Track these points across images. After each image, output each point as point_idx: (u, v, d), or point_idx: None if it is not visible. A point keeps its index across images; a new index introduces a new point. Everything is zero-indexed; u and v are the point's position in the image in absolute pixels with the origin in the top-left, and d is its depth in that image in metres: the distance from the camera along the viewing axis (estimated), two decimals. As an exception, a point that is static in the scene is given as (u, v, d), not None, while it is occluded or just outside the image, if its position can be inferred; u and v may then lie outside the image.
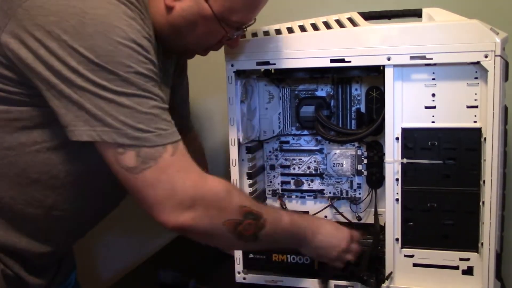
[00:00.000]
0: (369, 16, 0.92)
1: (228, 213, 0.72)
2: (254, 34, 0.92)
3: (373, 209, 1.01)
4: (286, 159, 1.07)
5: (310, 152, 1.06)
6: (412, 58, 0.81)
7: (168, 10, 0.75)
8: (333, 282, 0.91)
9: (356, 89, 1.00)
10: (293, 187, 1.07)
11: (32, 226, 0.77)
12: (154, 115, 0.66)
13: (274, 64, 0.88)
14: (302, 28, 0.89)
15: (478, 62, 0.79)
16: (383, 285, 0.86)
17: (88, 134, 0.64)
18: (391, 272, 0.86)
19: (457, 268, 0.85)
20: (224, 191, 0.72)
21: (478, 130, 0.81)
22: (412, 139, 0.84)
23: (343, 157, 1.03)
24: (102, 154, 0.66)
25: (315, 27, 0.89)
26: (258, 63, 0.89)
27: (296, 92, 1.04)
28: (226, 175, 1.01)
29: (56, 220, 0.78)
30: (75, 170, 0.75)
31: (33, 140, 0.71)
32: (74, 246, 0.96)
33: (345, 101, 1.01)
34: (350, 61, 0.84)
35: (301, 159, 1.06)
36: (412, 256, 0.87)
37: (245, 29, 0.82)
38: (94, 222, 0.88)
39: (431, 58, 0.80)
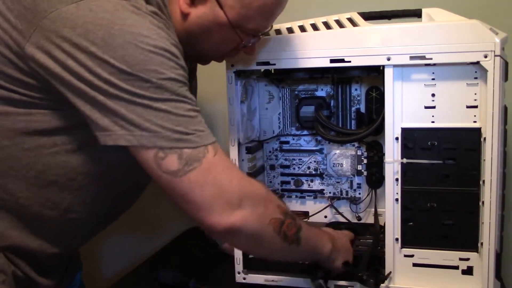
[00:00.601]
0: (369, 16, 0.92)
1: (272, 210, 0.73)
2: (254, 34, 0.92)
3: (373, 209, 1.01)
4: (286, 159, 1.07)
5: (310, 152, 1.06)
6: (412, 58, 0.81)
7: (184, 17, 0.75)
8: (333, 282, 0.91)
9: (356, 89, 1.00)
10: (293, 187, 1.07)
11: (47, 228, 0.77)
12: (191, 117, 0.66)
13: (274, 64, 0.88)
14: (302, 28, 0.89)
15: (477, 62, 0.79)
16: (382, 285, 0.86)
17: (126, 139, 0.64)
18: (390, 272, 0.86)
19: (457, 268, 0.85)
20: (265, 190, 0.74)
21: (478, 130, 0.81)
22: (412, 139, 0.84)
23: (343, 157, 1.03)
24: (140, 160, 0.66)
25: (315, 27, 0.89)
26: (258, 63, 0.89)
27: (296, 92, 1.04)
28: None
29: (70, 222, 0.78)
30: (92, 173, 0.75)
31: (53, 142, 0.71)
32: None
33: (345, 101, 1.01)
34: (350, 61, 0.84)
35: (301, 159, 1.07)
36: (412, 256, 0.87)
37: (261, 36, 0.81)
38: (106, 224, 0.88)
39: (431, 58, 0.80)
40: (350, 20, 0.88)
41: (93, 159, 0.73)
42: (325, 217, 1.06)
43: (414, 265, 0.87)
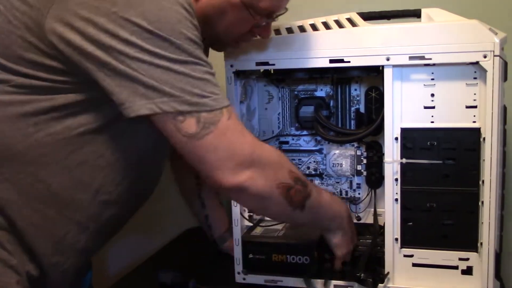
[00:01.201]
0: (368, 17, 0.92)
1: (281, 175, 0.76)
2: (254, 35, 0.92)
3: (373, 209, 1.01)
4: (285, 159, 1.07)
5: (309, 152, 1.06)
6: (411, 58, 0.81)
7: None
8: (332, 282, 0.91)
9: (356, 89, 1.00)
10: (292, 187, 1.07)
11: (79, 215, 0.77)
12: (207, 81, 0.68)
13: (274, 64, 0.88)
14: (302, 29, 0.89)
15: (477, 62, 0.79)
16: (382, 285, 0.87)
17: (147, 107, 0.66)
18: (388, 272, 0.86)
19: (456, 268, 0.85)
20: (278, 155, 0.77)
21: (477, 130, 0.81)
22: (412, 139, 0.84)
23: (342, 157, 1.03)
24: (161, 125, 0.68)
25: (314, 27, 0.89)
26: (258, 64, 0.89)
27: (296, 92, 1.04)
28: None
29: (102, 206, 0.78)
30: (120, 148, 0.77)
31: (78, 123, 0.72)
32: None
33: (344, 101, 1.01)
34: (349, 62, 0.84)
35: (300, 159, 1.07)
36: (411, 256, 0.87)
37: (275, 18, 0.82)
38: (132, 210, 0.88)
39: (430, 58, 0.81)
40: (350, 20, 0.88)
41: (118, 134, 0.76)
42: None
43: (414, 265, 0.87)
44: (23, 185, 0.73)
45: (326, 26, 0.88)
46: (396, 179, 0.85)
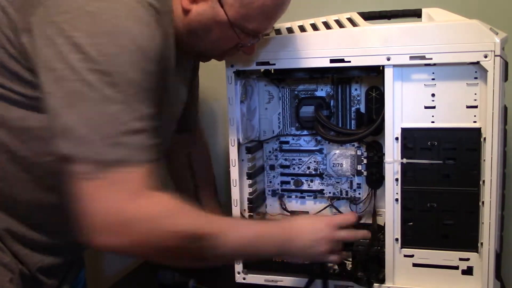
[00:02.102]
0: (368, 16, 0.92)
1: (161, 238, 0.65)
2: (254, 34, 0.92)
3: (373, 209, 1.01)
4: (286, 159, 1.07)
5: (309, 152, 1.06)
6: (411, 58, 0.81)
7: (185, 13, 0.75)
8: (332, 282, 0.91)
9: (356, 89, 1.00)
10: (293, 187, 1.07)
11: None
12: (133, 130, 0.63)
13: (274, 64, 0.88)
14: (302, 28, 0.89)
15: (477, 62, 0.79)
16: (382, 285, 0.86)
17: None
18: (384, 273, 0.86)
19: (456, 268, 0.85)
20: (159, 212, 0.65)
21: (478, 130, 0.81)
22: (412, 139, 0.84)
23: (342, 157, 1.03)
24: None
25: (314, 27, 0.89)
26: (258, 63, 0.89)
27: (296, 92, 1.04)
28: (226, 175, 1.01)
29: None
30: None
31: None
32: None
33: (344, 101, 1.01)
34: (349, 61, 0.84)
35: (300, 159, 1.06)
36: (411, 256, 0.87)
37: (261, 37, 0.81)
38: None
39: (431, 58, 0.80)
40: (350, 20, 0.88)
41: None
42: (325, 217, 1.06)
43: (414, 265, 0.87)
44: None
45: (327, 26, 0.88)
46: (397, 179, 0.85)
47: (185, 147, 1.11)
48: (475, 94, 0.81)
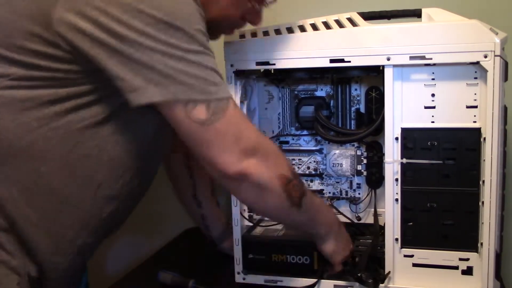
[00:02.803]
0: (368, 16, 0.92)
1: (281, 167, 0.77)
2: (254, 34, 0.92)
3: (373, 209, 1.01)
4: (285, 159, 1.07)
5: (309, 152, 1.06)
6: (411, 58, 0.81)
7: None
8: (332, 282, 0.91)
9: (356, 89, 1.00)
10: (292, 187, 1.07)
11: (80, 212, 0.77)
12: (216, 71, 0.71)
13: (274, 64, 0.88)
14: (302, 28, 0.89)
15: (477, 62, 0.79)
16: (381, 285, 0.86)
17: (161, 94, 0.67)
18: (389, 272, 0.86)
19: (456, 268, 0.85)
20: (278, 148, 0.80)
21: (478, 130, 0.81)
22: (412, 139, 0.84)
23: (342, 157, 1.03)
24: (169, 113, 0.69)
25: (314, 27, 0.89)
26: (258, 63, 0.89)
27: (296, 92, 1.04)
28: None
29: (103, 201, 0.79)
30: (121, 142, 0.77)
31: (81, 117, 0.73)
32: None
33: (344, 101, 1.01)
34: (349, 61, 0.84)
35: (300, 159, 1.06)
36: (411, 256, 0.87)
37: (267, 5, 0.83)
38: (130, 207, 0.88)
39: (431, 58, 0.80)
40: (350, 20, 0.88)
41: (120, 128, 0.76)
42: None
43: (414, 265, 0.87)
44: (24, 182, 0.73)
45: (327, 25, 0.88)
46: (397, 179, 0.85)
47: (182, 145, 1.11)
48: (475, 94, 0.81)
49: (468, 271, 0.84)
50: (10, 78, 0.70)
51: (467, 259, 0.84)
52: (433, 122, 0.84)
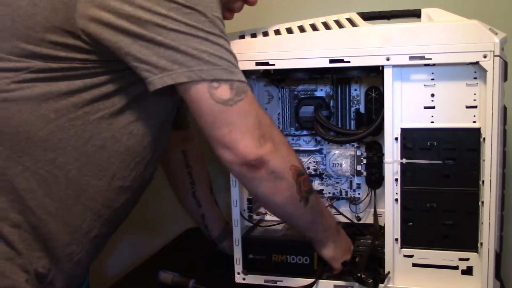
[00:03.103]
0: (368, 17, 0.92)
1: (293, 158, 0.79)
2: (253, 35, 0.91)
3: (373, 209, 1.01)
4: (285, 159, 1.07)
5: (309, 152, 1.06)
6: (411, 58, 0.81)
7: None
8: (332, 282, 0.91)
9: (355, 90, 1.00)
10: (292, 187, 1.07)
11: (95, 202, 0.78)
12: (234, 55, 0.72)
13: (274, 64, 0.88)
14: (301, 29, 0.89)
15: (477, 62, 0.79)
16: (381, 285, 0.86)
17: (186, 75, 0.68)
18: (389, 272, 0.86)
19: (456, 268, 0.85)
20: (287, 141, 0.82)
21: (477, 130, 0.81)
22: (412, 139, 0.84)
23: (342, 158, 1.03)
24: (192, 94, 0.70)
25: (314, 27, 0.89)
26: (257, 64, 0.89)
27: (295, 93, 1.04)
28: (226, 175, 1.01)
29: (117, 191, 0.80)
30: (135, 132, 0.78)
31: (97, 108, 0.74)
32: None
33: (344, 101, 1.01)
34: (349, 62, 0.84)
35: (300, 159, 1.06)
36: (411, 256, 0.87)
37: None
38: (138, 197, 0.88)
39: (430, 58, 0.80)
40: (350, 20, 0.88)
41: (135, 118, 0.77)
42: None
43: (414, 265, 0.87)
44: (42, 173, 0.74)
45: (326, 26, 0.88)
46: (396, 179, 0.85)
47: (180, 144, 1.12)
48: (475, 94, 0.82)
49: (468, 271, 0.84)
50: (29, 71, 0.71)
51: (467, 259, 0.84)
52: (432, 122, 0.84)
